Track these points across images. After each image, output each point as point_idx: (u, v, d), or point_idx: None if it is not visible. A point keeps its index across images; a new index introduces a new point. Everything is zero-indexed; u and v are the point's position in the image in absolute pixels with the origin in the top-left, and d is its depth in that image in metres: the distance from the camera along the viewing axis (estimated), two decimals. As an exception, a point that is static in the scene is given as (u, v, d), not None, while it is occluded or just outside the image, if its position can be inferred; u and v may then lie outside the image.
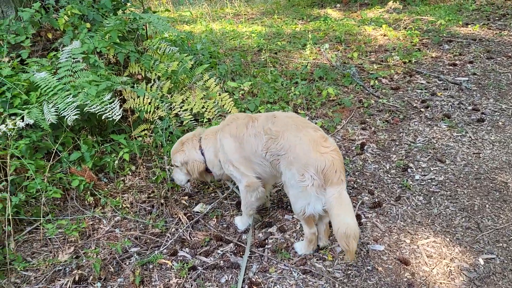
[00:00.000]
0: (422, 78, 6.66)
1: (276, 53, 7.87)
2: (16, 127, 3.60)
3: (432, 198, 4.04)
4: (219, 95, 5.10)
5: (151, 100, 4.63)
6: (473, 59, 7.22)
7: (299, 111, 5.65)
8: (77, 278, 3.14)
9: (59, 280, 3.19)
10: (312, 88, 6.20)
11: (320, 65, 7.15)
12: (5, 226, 3.38)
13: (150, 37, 5.60)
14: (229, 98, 5.07)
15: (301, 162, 3.07)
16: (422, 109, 5.68)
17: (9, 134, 3.59)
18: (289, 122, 3.27)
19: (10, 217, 3.38)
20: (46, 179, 3.71)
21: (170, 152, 3.89)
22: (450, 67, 7.02)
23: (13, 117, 3.80)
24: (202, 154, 3.70)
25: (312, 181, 3.04)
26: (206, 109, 4.87)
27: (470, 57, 7.33)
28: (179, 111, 4.76)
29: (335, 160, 3.05)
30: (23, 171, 3.74)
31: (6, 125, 3.58)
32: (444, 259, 3.35)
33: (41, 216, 3.61)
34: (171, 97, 4.88)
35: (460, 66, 7.03)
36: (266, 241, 3.61)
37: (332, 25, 9.67)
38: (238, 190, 3.87)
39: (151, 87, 4.84)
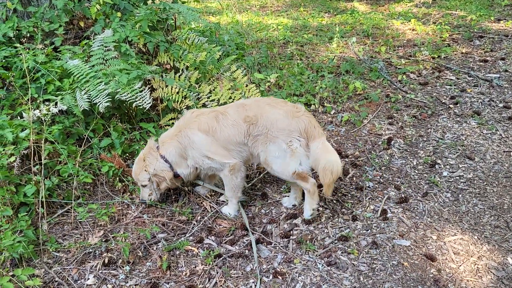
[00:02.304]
0: (451, 74, 6.54)
1: (302, 46, 7.83)
2: (49, 112, 3.71)
3: (460, 195, 3.99)
4: (246, 86, 5.12)
5: (179, 89, 4.68)
6: (505, 56, 7.06)
7: (325, 104, 5.63)
8: (106, 261, 3.23)
9: (89, 262, 3.28)
10: (338, 82, 6.16)
11: (347, 58, 7.10)
12: (38, 208, 3.49)
13: (179, 27, 5.65)
14: (256, 89, 5.08)
15: (285, 132, 3.47)
16: (451, 105, 5.59)
17: (43, 119, 3.70)
18: (261, 105, 3.62)
19: (44, 199, 3.49)
20: (77, 164, 3.81)
21: (133, 175, 3.80)
22: (481, 63, 6.88)
23: (47, 103, 3.90)
24: (166, 161, 3.70)
25: (299, 142, 3.48)
26: (233, 99, 4.89)
27: (502, 54, 7.16)
28: (207, 101, 4.79)
29: (310, 119, 3.57)
30: (56, 155, 3.84)
31: (41, 110, 3.68)
32: (472, 256, 3.31)
33: (73, 200, 3.71)
34: (199, 87, 4.93)
35: (491, 62, 6.88)
36: (291, 232, 3.62)
37: (359, 18, 9.56)
38: (213, 184, 4.13)
39: (179, 76, 4.89)
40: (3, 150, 3.46)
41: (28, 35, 4.46)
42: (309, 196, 3.60)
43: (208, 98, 4.83)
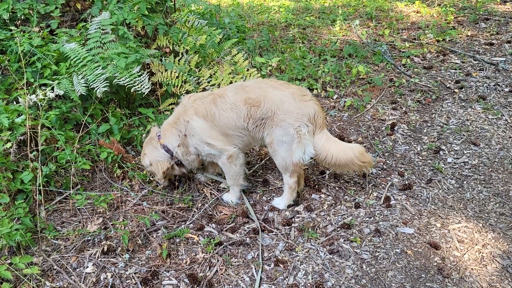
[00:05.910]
0: (456, 58, 6.41)
1: (304, 29, 7.69)
2: (46, 97, 3.61)
3: (465, 182, 3.92)
4: (247, 70, 5.02)
5: (179, 74, 4.59)
6: (511, 39, 6.91)
7: (328, 88, 5.53)
8: (105, 249, 3.18)
9: (88, 250, 3.23)
10: (341, 66, 6.05)
11: (350, 42, 6.96)
12: (36, 195, 3.43)
13: (178, 9, 5.52)
14: (257, 73, 4.98)
15: (293, 115, 3.32)
16: (456, 90, 5.49)
17: (39, 105, 3.61)
18: (263, 86, 3.45)
19: (41, 186, 3.42)
20: (75, 150, 3.74)
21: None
22: (487, 46, 6.74)
23: (43, 88, 3.82)
24: (167, 150, 3.59)
25: (307, 128, 3.35)
26: (234, 84, 4.80)
27: (508, 37, 7.01)
28: (207, 86, 4.70)
29: (319, 107, 3.43)
30: (53, 141, 3.77)
31: (37, 95, 3.59)
32: (476, 244, 3.26)
33: (71, 187, 3.65)
34: (199, 71, 4.83)
35: (497, 45, 6.74)
36: (293, 219, 3.57)
37: (362, 0, 9.38)
38: (215, 173, 4.06)
39: (179, 60, 4.79)
40: (-1, 136, 3.39)
41: (23, 17, 4.34)
42: (289, 191, 3.61)
43: (209, 82, 4.73)
